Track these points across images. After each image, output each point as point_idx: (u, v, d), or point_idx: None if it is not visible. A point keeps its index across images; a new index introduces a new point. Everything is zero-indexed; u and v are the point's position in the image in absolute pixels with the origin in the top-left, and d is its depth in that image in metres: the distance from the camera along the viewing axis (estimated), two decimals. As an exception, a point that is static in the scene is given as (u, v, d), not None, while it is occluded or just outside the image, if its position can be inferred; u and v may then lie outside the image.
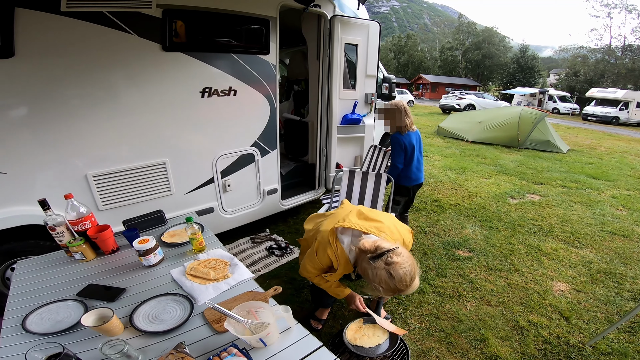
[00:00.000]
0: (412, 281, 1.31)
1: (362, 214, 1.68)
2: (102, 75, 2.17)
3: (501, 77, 44.32)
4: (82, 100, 2.13)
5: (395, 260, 1.29)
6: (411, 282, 1.31)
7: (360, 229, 1.54)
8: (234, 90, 2.76)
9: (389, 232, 1.58)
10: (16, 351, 1.09)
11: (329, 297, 2.05)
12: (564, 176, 5.99)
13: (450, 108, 19.90)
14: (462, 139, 9.22)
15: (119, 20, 2.12)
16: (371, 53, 3.73)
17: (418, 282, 1.35)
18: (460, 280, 2.79)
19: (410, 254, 1.37)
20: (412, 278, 1.31)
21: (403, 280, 1.28)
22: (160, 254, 1.68)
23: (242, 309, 1.17)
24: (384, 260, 1.30)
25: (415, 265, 1.35)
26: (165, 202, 2.63)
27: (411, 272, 1.31)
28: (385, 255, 1.30)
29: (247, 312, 1.18)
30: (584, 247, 3.41)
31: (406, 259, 1.32)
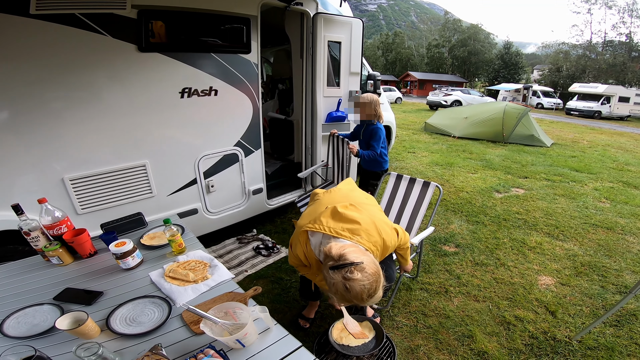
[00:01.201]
0: (370, 297, 1.23)
1: (337, 213, 1.51)
2: (77, 78, 2.12)
3: (487, 74, 44.95)
4: (57, 103, 2.08)
5: (355, 277, 1.19)
6: (369, 298, 1.23)
7: (331, 233, 1.43)
8: (214, 90, 2.72)
9: (365, 234, 1.46)
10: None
11: (314, 294, 2.03)
12: (547, 170, 6.09)
13: (437, 104, 20.08)
14: (448, 135, 9.31)
15: (91, 21, 2.07)
16: (355, 50, 3.71)
17: (380, 294, 1.26)
18: (447, 276, 2.80)
19: (375, 269, 1.25)
20: (369, 295, 1.22)
21: (359, 296, 1.20)
22: (138, 257, 1.65)
23: (220, 310, 1.16)
24: (342, 273, 1.20)
25: (380, 279, 1.26)
26: (147, 204, 2.59)
27: (370, 289, 1.21)
28: (346, 268, 1.21)
29: (225, 313, 1.16)
30: (568, 240, 3.46)
31: (367, 276, 1.21)
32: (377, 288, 1.24)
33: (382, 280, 1.26)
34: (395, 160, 6.58)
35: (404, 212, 2.57)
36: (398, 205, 2.61)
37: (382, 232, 1.52)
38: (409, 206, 2.54)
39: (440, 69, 48.32)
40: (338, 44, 3.60)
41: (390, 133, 5.68)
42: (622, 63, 29.55)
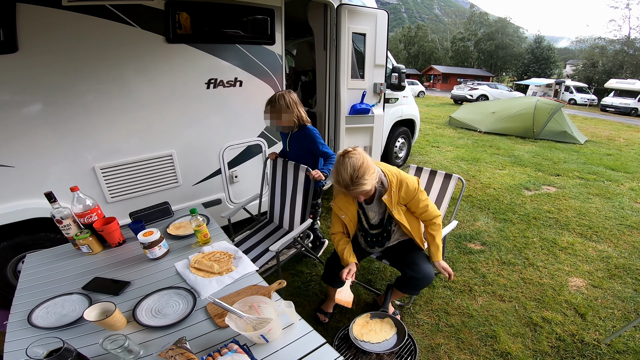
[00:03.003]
0: (351, 174, 1.52)
1: None
2: (107, 69, 2.16)
3: (515, 68, 43.31)
4: (88, 95, 2.14)
5: (350, 151, 1.57)
6: (351, 175, 1.52)
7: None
8: (239, 81, 2.72)
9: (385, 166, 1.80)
10: (21, 346, 1.09)
11: (339, 278, 1.99)
12: (581, 168, 5.80)
13: (462, 99, 19.51)
14: (474, 130, 9.01)
15: (121, 13, 2.10)
16: (379, 42, 3.62)
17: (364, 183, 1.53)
18: (472, 274, 2.71)
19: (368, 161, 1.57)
20: (353, 170, 1.52)
21: (344, 168, 1.53)
22: (165, 247, 1.66)
23: (244, 304, 1.14)
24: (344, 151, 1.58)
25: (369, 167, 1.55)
26: (172, 193, 2.63)
27: (354, 165, 1.52)
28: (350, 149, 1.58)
29: (249, 307, 1.15)
30: (602, 242, 3.29)
31: (360, 155, 1.55)
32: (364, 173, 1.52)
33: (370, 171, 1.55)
34: (418, 154, 6.44)
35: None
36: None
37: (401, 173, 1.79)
38: (431, 199, 2.45)
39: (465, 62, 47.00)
40: (362, 36, 3.53)
41: (414, 127, 5.55)
42: (662, 59, 27.80)
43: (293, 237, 2.13)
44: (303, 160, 2.38)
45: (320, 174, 2.24)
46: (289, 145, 2.46)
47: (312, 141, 2.31)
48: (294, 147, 2.44)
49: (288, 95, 2.21)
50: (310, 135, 2.31)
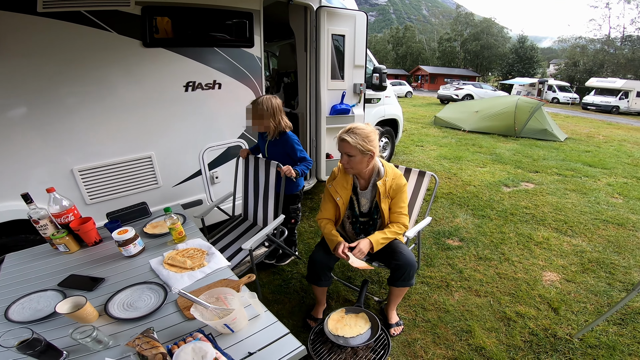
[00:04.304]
0: (353, 127, 1.79)
1: None
2: (85, 73, 2.19)
3: (500, 68, 44.07)
4: (66, 98, 2.17)
5: (369, 124, 1.86)
6: (353, 127, 1.79)
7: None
8: (218, 84, 2.76)
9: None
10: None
11: (324, 275, 2.05)
12: (560, 164, 5.97)
13: (448, 98, 19.83)
14: (459, 129, 9.18)
15: (96, 18, 2.13)
16: (359, 43, 3.69)
17: (357, 142, 1.76)
18: (449, 270, 2.78)
19: (373, 137, 1.81)
20: (358, 128, 1.79)
21: (354, 124, 1.82)
22: (140, 245, 1.70)
23: (211, 295, 1.19)
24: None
25: (371, 140, 1.79)
26: (152, 194, 2.65)
27: (361, 127, 1.80)
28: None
29: (216, 298, 1.19)
30: (577, 236, 3.39)
31: (372, 130, 1.82)
32: (364, 134, 1.77)
33: (370, 143, 1.78)
34: (402, 153, 6.54)
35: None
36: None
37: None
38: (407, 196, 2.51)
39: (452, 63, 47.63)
40: (342, 37, 3.58)
41: (397, 127, 5.63)
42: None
43: (266, 234, 2.16)
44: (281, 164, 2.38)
45: (291, 169, 2.26)
46: (268, 150, 2.49)
47: (291, 147, 2.37)
48: (272, 152, 2.48)
49: (273, 101, 2.27)
50: (289, 140, 2.37)
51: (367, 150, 1.78)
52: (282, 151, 2.42)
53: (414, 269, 1.94)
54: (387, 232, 1.92)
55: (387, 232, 1.92)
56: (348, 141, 1.76)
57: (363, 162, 1.83)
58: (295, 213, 2.69)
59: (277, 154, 2.43)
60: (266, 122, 2.27)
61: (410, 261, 1.91)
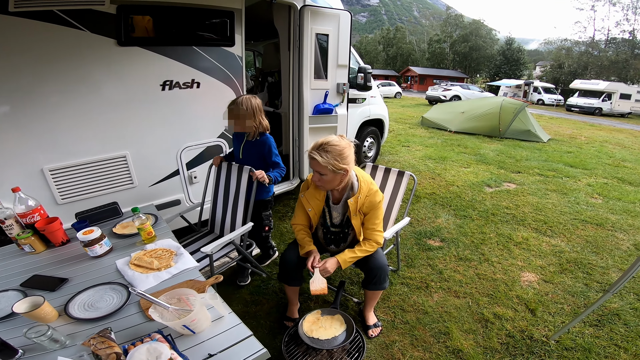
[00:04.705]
0: (325, 143, 1.65)
1: None
2: (57, 72, 2.16)
3: (488, 69, 44.76)
4: (37, 98, 2.12)
5: (344, 137, 1.72)
6: (324, 143, 1.65)
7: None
8: (197, 83, 2.72)
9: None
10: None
11: (295, 275, 2.03)
12: (542, 165, 6.06)
13: (436, 99, 20.03)
14: (445, 129, 9.27)
15: (70, 17, 2.09)
16: (342, 42, 3.68)
17: (327, 161, 1.63)
18: (430, 270, 2.79)
19: (347, 153, 1.68)
20: (330, 145, 1.64)
21: (327, 137, 1.67)
22: (107, 245, 1.67)
23: (172, 296, 1.17)
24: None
25: (344, 158, 1.66)
26: (128, 194, 2.60)
27: (334, 143, 1.65)
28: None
29: (178, 299, 1.17)
30: (556, 236, 3.43)
31: (347, 145, 1.69)
32: (336, 152, 1.64)
33: (343, 161, 1.65)
34: (388, 154, 6.56)
35: (382, 204, 2.55)
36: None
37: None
38: (385, 197, 2.51)
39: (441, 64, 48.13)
40: (326, 37, 3.57)
41: (383, 127, 5.64)
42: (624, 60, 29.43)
43: (230, 239, 2.07)
44: (255, 168, 2.30)
45: (264, 174, 2.21)
46: (243, 151, 2.40)
47: (268, 149, 2.31)
48: (247, 154, 2.39)
49: (254, 101, 2.22)
50: (267, 142, 2.31)
51: (340, 170, 1.67)
52: (258, 154, 2.35)
53: (385, 272, 1.93)
54: (357, 250, 1.87)
55: (357, 250, 1.87)
56: (318, 161, 1.63)
57: (335, 180, 1.73)
58: (268, 220, 2.61)
59: (253, 156, 2.37)
60: (247, 122, 2.21)
61: (382, 265, 1.90)
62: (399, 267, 2.74)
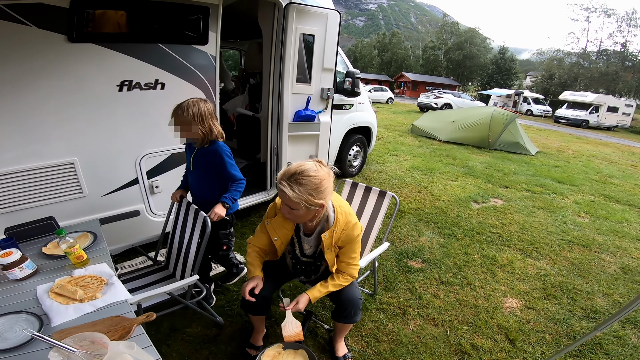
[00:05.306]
0: (298, 172, 1.38)
1: None
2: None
3: (480, 78, 45.18)
4: None
5: (324, 165, 1.48)
6: (297, 172, 1.38)
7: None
8: (161, 84, 2.49)
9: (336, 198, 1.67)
10: None
11: (260, 304, 1.80)
12: (529, 179, 5.96)
13: (427, 107, 20.00)
14: (434, 138, 9.14)
15: (14, 12, 1.87)
16: (329, 44, 3.47)
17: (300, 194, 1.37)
18: (408, 295, 2.60)
19: (325, 187, 1.43)
20: (305, 176, 1.37)
21: (302, 164, 1.41)
22: (29, 268, 1.46)
23: (84, 338, 1.00)
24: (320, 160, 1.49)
25: (321, 192, 1.41)
26: (77, 204, 2.35)
27: (312, 175, 1.38)
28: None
29: (91, 342, 1.00)
30: (542, 258, 3.30)
31: (327, 176, 1.43)
32: (312, 185, 1.38)
33: (319, 195, 1.40)
34: (375, 162, 6.37)
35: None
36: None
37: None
38: (364, 218, 2.31)
39: (434, 71, 48.45)
40: (312, 37, 3.36)
41: (371, 135, 5.45)
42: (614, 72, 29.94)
43: (162, 292, 1.70)
44: (207, 183, 2.09)
45: (220, 211, 1.98)
46: (193, 163, 2.09)
47: (220, 158, 2.00)
48: (198, 166, 2.10)
49: (202, 105, 1.93)
50: (218, 151, 2.00)
51: (314, 205, 1.42)
52: (209, 165, 2.05)
53: (357, 306, 1.74)
54: (330, 285, 1.67)
55: (330, 285, 1.67)
56: (288, 195, 1.36)
57: (308, 214, 1.49)
58: (227, 239, 2.35)
59: (204, 169, 2.09)
60: (193, 129, 1.91)
61: (354, 299, 1.72)
62: (376, 291, 2.55)
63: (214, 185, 2.10)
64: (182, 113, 1.90)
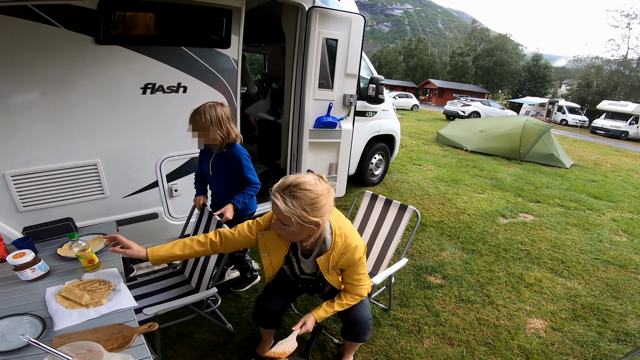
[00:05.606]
0: (294, 184, 1.27)
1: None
2: (26, 71, 1.99)
3: (511, 86, 43.60)
4: (2, 98, 1.95)
5: (324, 179, 1.35)
6: (293, 184, 1.27)
7: None
8: (183, 87, 2.50)
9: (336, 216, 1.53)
10: None
11: (274, 319, 1.78)
12: (563, 194, 5.62)
13: (454, 114, 19.45)
14: (461, 148, 8.84)
15: (44, 13, 1.92)
16: (353, 50, 3.40)
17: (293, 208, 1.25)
18: (425, 312, 2.47)
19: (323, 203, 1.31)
20: (302, 190, 1.26)
21: (299, 177, 1.30)
22: (41, 269, 1.46)
23: (81, 347, 0.98)
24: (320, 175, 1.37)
25: (319, 208, 1.29)
26: (98, 205, 2.39)
27: (310, 189, 1.27)
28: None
29: (88, 350, 0.98)
30: (573, 278, 3.08)
31: (326, 191, 1.31)
32: (309, 199, 1.26)
33: (315, 211, 1.28)
34: (397, 172, 6.21)
35: (377, 239, 2.25)
36: (371, 230, 2.29)
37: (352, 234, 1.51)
38: (383, 232, 2.22)
39: (462, 78, 47.33)
40: (335, 42, 3.31)
41: (394, 143, 5.31)
42: (657, 81, 28.08)
43: (177, 306, 1.66)
44: (228, 188, 2.07)
45: (228, 214, 1.94)
46: (213, 168, 2.09)
47: (238, 161, 1.99)
48: (218, 170, 2.10)
49: (218, 109, 1.92)
50: (236, 154, 1.99)
51: (309, 223, 1.29)
52: (228, 168, 2.05)
53: (367, 326, 1.65)
54: (336, 305, 1.56)
55: (337, 304, 1.56)
56: (280, 208, 1.25)
57: (302, 233, 1.35)
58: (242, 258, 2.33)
59: (223, 173, 2.08)
60: (211, 134, 1.90)
61: (362, 319, 1.62)
62: (391, 306, 2.44)
63: (234, 189, 2.08)
64: (200, 118, 1.88)
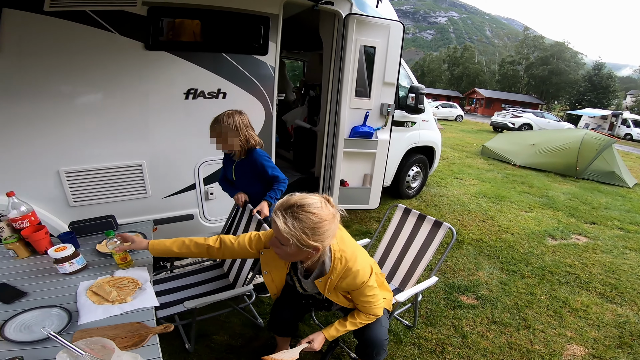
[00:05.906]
0: (298, 204, 1.22)
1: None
2: (82, 74, 2.17)
3: (569, 96, 40.63)
4: (60, 98, 2.14)
5: (331, 202, 1.30)
6: (297, 204, 1.22)
7: None
8: (223, 93, 2.59)
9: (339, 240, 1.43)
10: None
11: (289, 328, 1.78)
12: (624, 216, 5.07)
13: (502, 126, 18.35)
14: (508, 162, 8.30)
15: (100, 18, 2.09)
16: (391, 57, 3.33)
17: (294, 229, 1.20)
18: (452, 332, 2.32)
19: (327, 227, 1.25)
20: (305, 211, 1.20)
21: (304, 197, 1.25)
22: (78, 263, 1.55)
23: (95, 343, 1.01)
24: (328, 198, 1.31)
25: (321, 232, 1.23)
26: (140, 204, 2.53)
27: (314, 212, 1.21)
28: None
29: (103, 346, 1.01)
30: (625, 304, 2.78)
31: (331, 215, 1.26)
32: (312, 222, 1.20)
33: (318, 235, 1.22)
34: (436, 185, 5.96)
35: (407, 255, 2.15)
36: (401, 245, 2.19)
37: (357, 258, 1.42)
38: (414, 248, 2.12)
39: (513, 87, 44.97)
40: (372, 49, 3.28)
41: (434, 155, 5.10)
42: None
43: (214, 301, 1.77)
44: (254, 188, 2.14)
45: (265, 208, 2.00)
46: (236, 172, 2.17)
47: (261, 165, 2.05)
48: (241, 176, 2.17)
49: (236, 116, 1.98)
50: (257, 160, 2.05)
51: (307, 246, 1.23)
52: (252, 172, 2.11)
53: (381, 347, 1.57)
54: (348, 323, 1.50)
55: (349, 323, 1.50)
56: (279, 227, 1.20)
57: (300, 255, 1.30)
58: None
59: (247, 176, 2.14)
60: (230, 141, 1.98)
61: (377, 340, 1.55)
62: (415, 324, 2.31)
63: (260, 189, 2.13)
64: (219, 125, 1.97)
